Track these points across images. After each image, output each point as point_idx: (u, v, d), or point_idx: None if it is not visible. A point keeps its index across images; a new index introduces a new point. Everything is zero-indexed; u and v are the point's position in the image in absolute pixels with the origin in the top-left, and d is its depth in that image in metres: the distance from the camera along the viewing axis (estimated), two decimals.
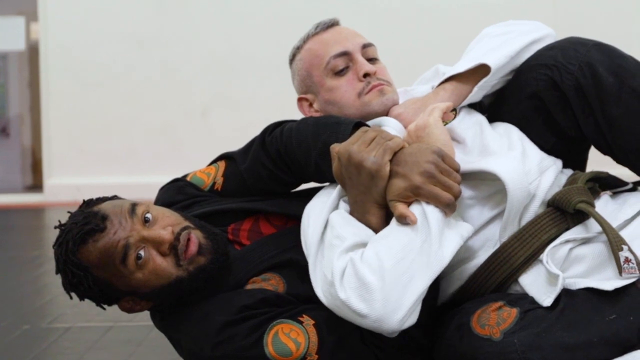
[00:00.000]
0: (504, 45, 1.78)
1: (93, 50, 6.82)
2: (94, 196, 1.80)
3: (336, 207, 1.65)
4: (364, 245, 1.53)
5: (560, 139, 1.77)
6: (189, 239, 1.68)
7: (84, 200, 1.76)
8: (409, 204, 1.52)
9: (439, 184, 1.50)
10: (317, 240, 1.61)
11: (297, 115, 1.98)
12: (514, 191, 1.60)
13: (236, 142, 2.03)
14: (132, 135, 6.84)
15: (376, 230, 1.56)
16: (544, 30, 1.84)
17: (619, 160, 1.75)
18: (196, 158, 6.36)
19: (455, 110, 1.81)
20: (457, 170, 1.53)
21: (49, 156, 7.01)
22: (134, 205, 1.70)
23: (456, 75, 1.80)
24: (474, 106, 1.87)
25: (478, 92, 1.79)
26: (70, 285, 1.69)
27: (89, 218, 1.65)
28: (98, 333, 2.57)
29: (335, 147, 1.58)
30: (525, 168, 1.65)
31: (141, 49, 6.81)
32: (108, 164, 6.79)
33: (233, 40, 6.78)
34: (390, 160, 1.53)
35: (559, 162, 1.75)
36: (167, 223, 1.70)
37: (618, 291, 1.51)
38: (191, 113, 6.83)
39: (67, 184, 6.83)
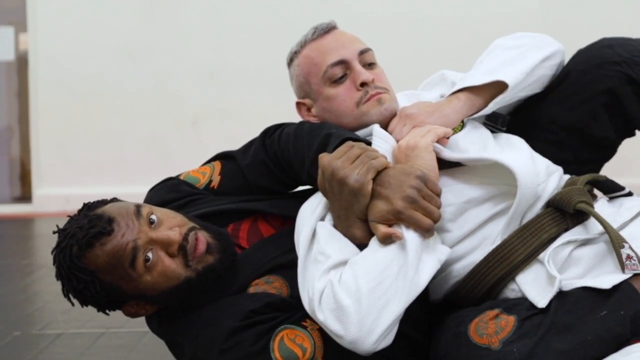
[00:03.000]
0: (517, 60, 1.80)
1: (82, 60, 6.81)
2: None
3: (324, 216, 1.66)
4: (345, 263, 1.55)
5: (618, 136, 1.88)
6: (197, 239, 1.67)
7: (84, 204, 1.72)
8: (389, 225, 1.54)
9: (420, 209, 1.52)
10: (305, 251, 1.62)
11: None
12: (525, 189, 1.63)
13: None
14: (122, 146, 6.83)
15: (362, 242, 1.57)
16: (554, 45, 1.87)
17: None
18: (186, 168, 6.35)
19: (462, 122, 1.81)
20: (439, 195, 1.55)
21: (37, 167, 6.99)
22: (138, 207, 1.67)
23: (471, 88, 1.81)
24: (491, 117, 1.89)
25: (492, 107, 1.81)
26: (75, 291, 1.65)
27: (94, 221, 1.62)
28: (90, 339, 2.56)
29: (323, 158, 1.59)
30: (536, 169, 1.68)
31: (131, 59, 6.81)
32: (97, 175, 6.77)
33: (223, 51, 6.79)
34: (374, 179, 1.55)
35: (561, 169, 1.79)
36: (173, 224, 1.68)
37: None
38: (181, 124, 6.82)
39: (56, 195, 6.80)
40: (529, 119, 1.91)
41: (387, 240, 1.52)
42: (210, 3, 6.82)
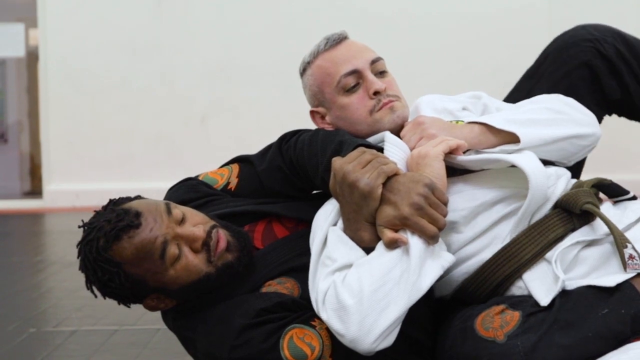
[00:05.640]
0: (548, 125, 1.81)
1: (92, 57, 6.86)
2: (93, 202, 1.81)
3: (336, 222, 1.71)
4: (350, 266, 1.61)
5: (599, 108, 2.02)
6: (218, 236, 1.73)
7: (110, 200, 1.78)
8: (396, 231, 1.59)
9: (426, 216, 1.56)
10: (317, 255, 1.68)
11: (294, 122, 2.03)
12: (536, 191, 1.67)
13: (234, 150, 2.08)
14: (131, 142, 6.88)
15: (369, 245, 1.62)
16: (593, 128, 1.87)
17: None
18: (194, 165, 6.40)
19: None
20: (445, 203, 1.59)
21: (47, 162, 7.04)
22: (168, 204, 1.74)
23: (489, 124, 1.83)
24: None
25: (497, 151, 1.81)
26: (99, 283, 1.71)
27: (122, 215, 1.68)
28: (103, 336, 2.61)
29: (336, 162, 1.64)
30: (547, 172, 1.73)
31: (140, 56, 6.85)
32: (107, 171, 6.82)
33: (231, 48, 6.83)
34: (384, 184, 1.59)
35: (568, 173, 1.83)
36: (197, 221, 1.74)
37: (610, 286, 1.58)
38: (189, 120, 6.87)
39: (66, 190, 6.86)
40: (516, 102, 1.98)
41: (392, 244, 1.57)
42: (217, 1, 6.86)
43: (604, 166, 2.00)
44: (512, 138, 1.78)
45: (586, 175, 1.97)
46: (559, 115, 1.83)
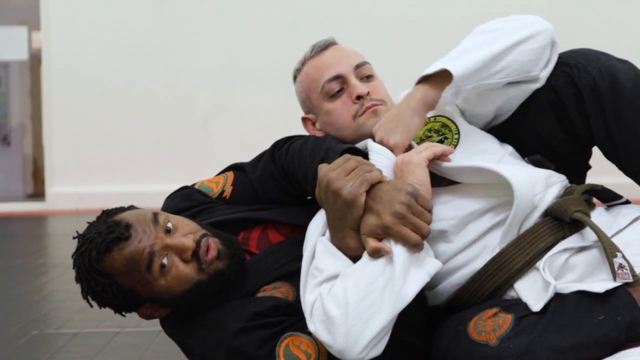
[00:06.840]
0: (481, 47, 1.72)
1: (94, 60, 6.88)
2: (96, 205, 1.83)
3: (325, 232, 1.71)
4: (337, 277, 1.60)
5: (569, 137, 1.80)
6: (208, 245, 1.74)
7: (102, 211, 1.80)
8: (379, 239, 1.58)
9: (409, 225, 1.55)
10: (307, 266, 1.69)
11: (297, 124, 2.04)
12: (521, 201, 1.66)
13: (236, 152, 2.08)
14: (134, 145, 6.90)
15: (356, 253, 1.62)
16: (537, 26, 1.78)
17: (623, 166, 1.78)
18: (197, 167, 6.43)
19: (457, 132, 1.83)
20: (429, 211, 1.58)
21: (50, 165, 7.06)
22: (155, 215, 1.75)
23: (428, 77, 1.75)
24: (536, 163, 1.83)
25: (449, 98, 1.72)
26: (93, 294, 1.73)
27: (112, 227, 1.70)
28: (105, 338, 2.63)
29: (321, 169, 1.64)
30: (532, 179, 1.71)
31: (142, 59, 6.87)
32: (109, 173, 6.83)
33: (233, 50, 6.84)
34: (368, 192, 1.58)
35: (565, 180, 1.81)
36: (187, 231, 1.75)
37: (606, 293, 1.57)
38: (192, 123, 6.88)
39: (68, 193, 6.88)
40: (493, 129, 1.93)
41: (376, 254, 1.56)
42: (219, 3, 6.87)
43: (608, 168, 1.93)
44: (448, 76, 1.70)
45: (592, 177, 1.94)
46: (496, 33, 1.74)
